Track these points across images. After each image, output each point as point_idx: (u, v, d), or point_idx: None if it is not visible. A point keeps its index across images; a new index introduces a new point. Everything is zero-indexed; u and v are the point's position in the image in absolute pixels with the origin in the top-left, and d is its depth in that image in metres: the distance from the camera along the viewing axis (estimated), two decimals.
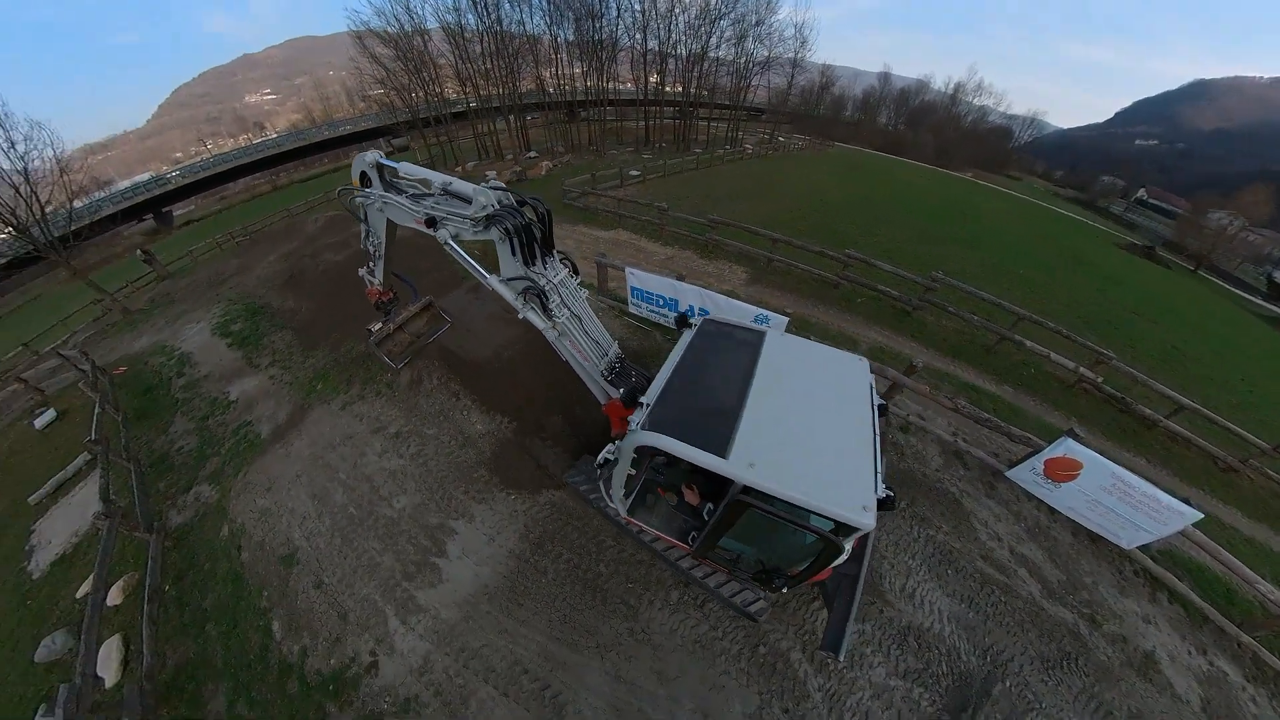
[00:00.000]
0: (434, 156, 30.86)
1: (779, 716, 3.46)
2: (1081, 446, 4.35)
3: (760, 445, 2.62)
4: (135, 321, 13.74)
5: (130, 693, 3.88)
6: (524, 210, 3.24)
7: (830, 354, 3.30)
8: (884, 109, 68.36)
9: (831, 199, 19.18)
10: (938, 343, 8.30)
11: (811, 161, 30.89)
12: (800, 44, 33.79)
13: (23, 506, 7.35)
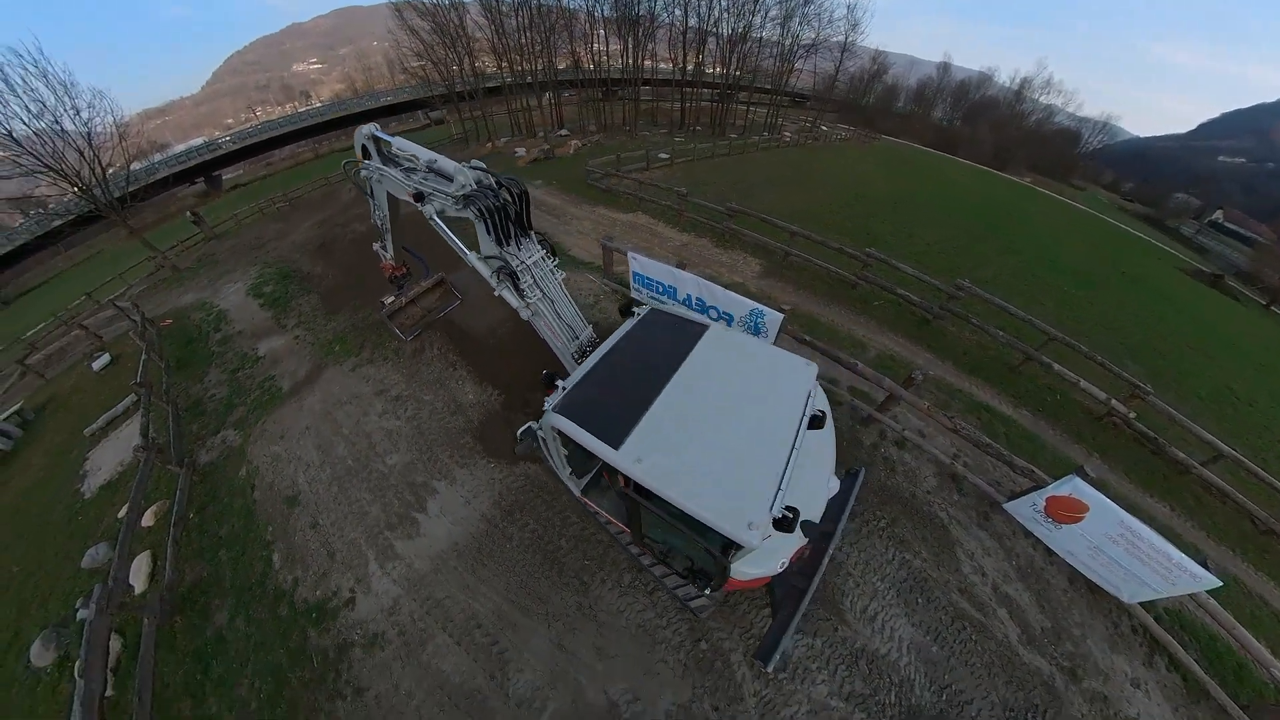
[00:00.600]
0: (467, 131, 31.48)
1: (708, 713, 3.54)
2: (1090, 488, 3.93)
3: (658, 442, 2.56)
4: (183, 278, 15.05)
5: (153, 599, 4.58)
6: (500, 192, 3.40)
7: (774, 356, 3.19)
8: (940, 102, 63.70)
9: (869, 194, 18.37)
10: (956, 356, 7.78)
11: (854, 154, 29.50)
12: (851, 27, 31.96)
13: (79, 437, 8.44)
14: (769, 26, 30.31)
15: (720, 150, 23.78)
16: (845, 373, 6.22)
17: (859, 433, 5.76)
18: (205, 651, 4.27)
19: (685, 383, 2.92)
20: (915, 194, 20.71)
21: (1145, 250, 31.02)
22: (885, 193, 19.44)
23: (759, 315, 5.71)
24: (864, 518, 4.80)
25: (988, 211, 21.46)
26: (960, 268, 11.29)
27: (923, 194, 21.34)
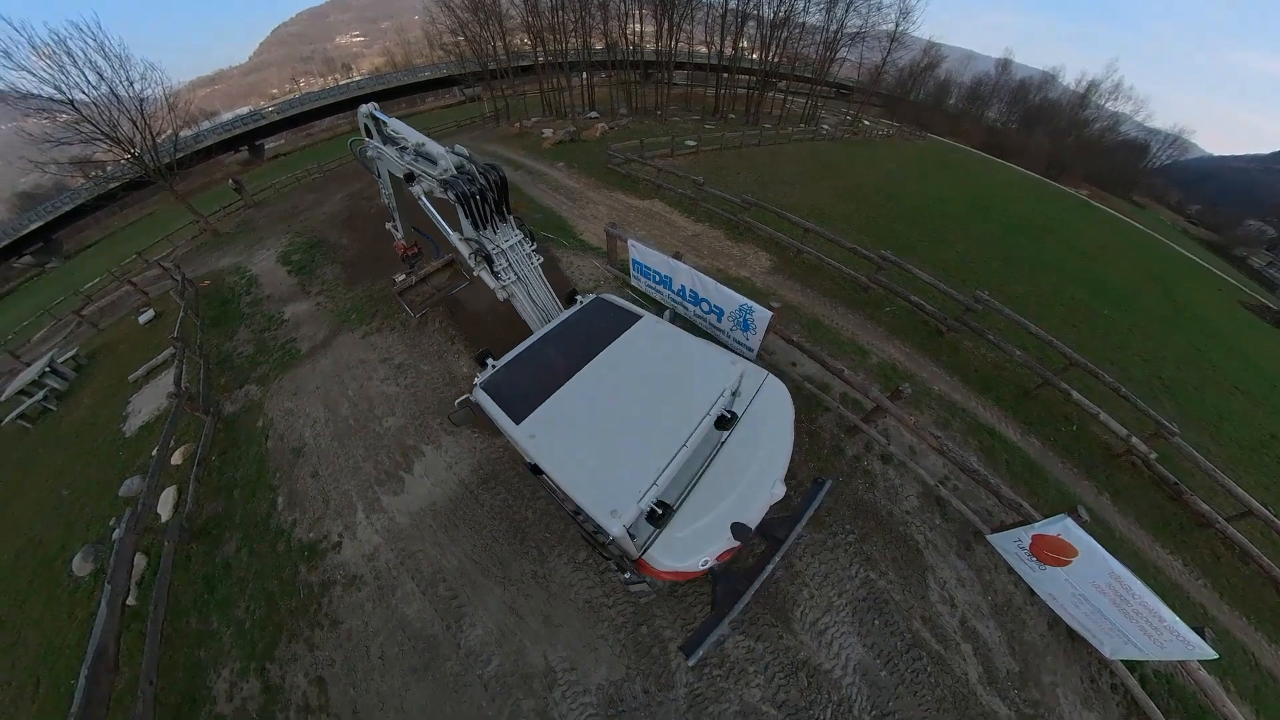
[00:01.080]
0: (499, 109, 31.82)
1: (638, 694, 3.69)
2: (1081, 531, 3.66)
3: (556, 421, 2.72)
4: (222, 243, 16.15)
5: (174, 526, 5.24)
6: (479, 178, 3.63)
7: (703, 351, 3.19)
8: (995, 102, 59.23)
9: (902, 196, 17.57)
10: (966, 373, 7.29)
11: (895, 152, 28.28)
12: (902, 15, 29.88)
13: (124, 383, 9.40)
14: (813, 11, 29.12)
15: (750, 140, 23.26)
16: (840, 380, 6.01)
17: (843, 442, 5.58)
18: (213, 575, 4.90)
19: (601, 368, 3.04)
20: (953, 199, 19.75)
21: (1204, 279, 28.70)
22: (921, 195, 18.56)
23: (748, 311, 5.69)
24: (831, 529, 4.71)
25: (1031, 223, 20.26)
26: (988, 280, 10.69)
27: (962, 199, 20.33)
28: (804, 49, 31.73)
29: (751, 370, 4.03)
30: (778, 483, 3.30)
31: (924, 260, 10.58)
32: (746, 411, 3.71)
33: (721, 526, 2.96)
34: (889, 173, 22.00)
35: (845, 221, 12.87)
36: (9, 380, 11.74)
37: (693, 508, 3.14)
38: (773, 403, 3.84)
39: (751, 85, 32.17)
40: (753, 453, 3.42)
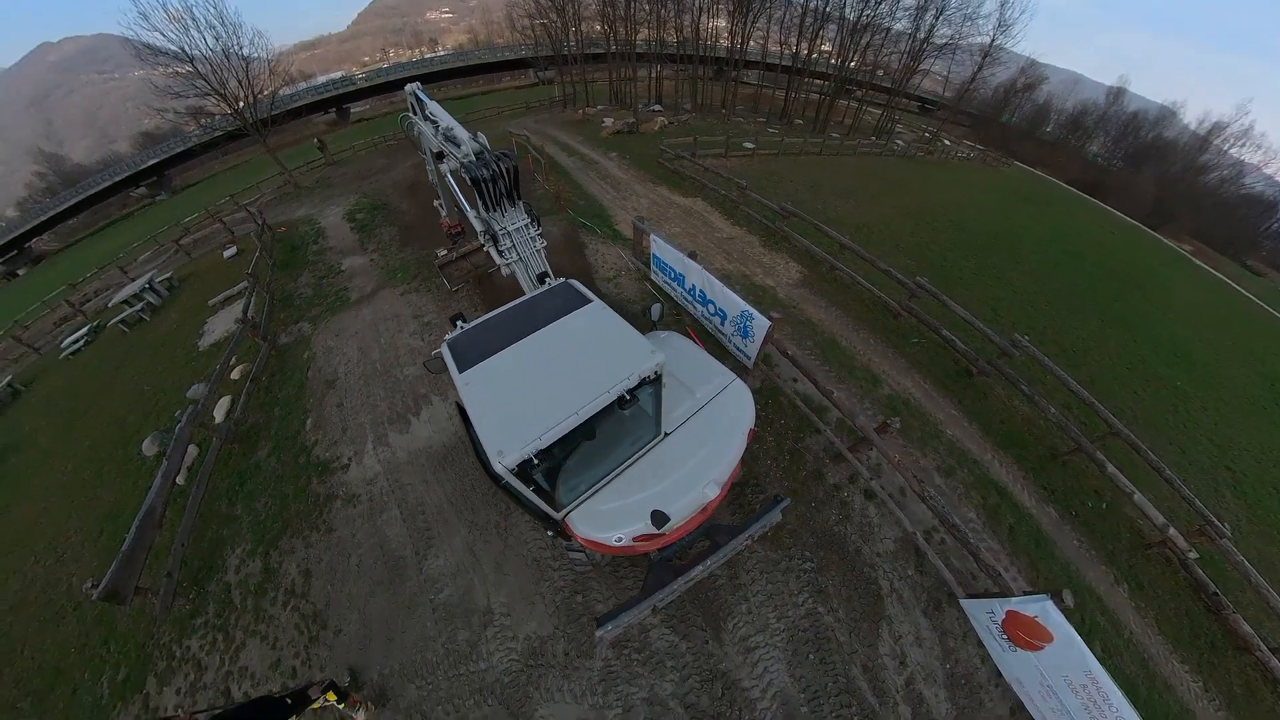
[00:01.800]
0: (567, 95, 32.82)
1: (559, 654, 3.97)
2: (1062, 618, 3.32)
3: (490, 375, 3.07)
4: (301, 194, 18.01)
5: (223, 428, 6.25)
6: (494, 165, 3.91)
7: (628, 338, 3.31)
8: (1100, 135, 52.69)
9: (968, 224, 16.30)
10: (990, 423, 6.61)
11: (973, 177, 26.31)
12: (999, 28, 27.57)
13: (204, 306, 10.92)
14: (900, 16, 27.67)
15: (812, 148, 22.48)
16: (831, 402, 5.89)
17: (826, 468, 5.38)
18: (245, 472, 5.86)
19: (541, 339, 3.34)
20: (1027, 234, 17.94)
21: None
22: (990, 226, 17.06)
23: (748, 318, 5.69)
24: (789, 551, 4.62)
25: (1113, 271, 17.90)
26: (1043, 327, 9.66)
27: (1036, 236, 18.35)
28: (885, 57, 30.34)
29: (718, 372, 4.21)
30: (711, 484, 3.38)
31: (971, 295, 9.96)
32: (700, 410, 3.87)
33: (643, 510, 3.16)
34: (960, 198, 20.49)
35: (893, 242, 12.30)
36: (116, 291, 13.87)
37: (620, 486, 3.39)
38: (730, 407, 3.95)
39: (824, 91, 31.26)
40: (695, 449, 3.60)
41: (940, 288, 8.01)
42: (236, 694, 4.16)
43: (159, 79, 16.79)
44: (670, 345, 4.71)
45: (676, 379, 4.12)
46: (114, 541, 5.13)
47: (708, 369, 4.32)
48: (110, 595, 3.77)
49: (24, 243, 44.43)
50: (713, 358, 4.49)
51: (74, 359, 12.16)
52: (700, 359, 4.51)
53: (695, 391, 4.04)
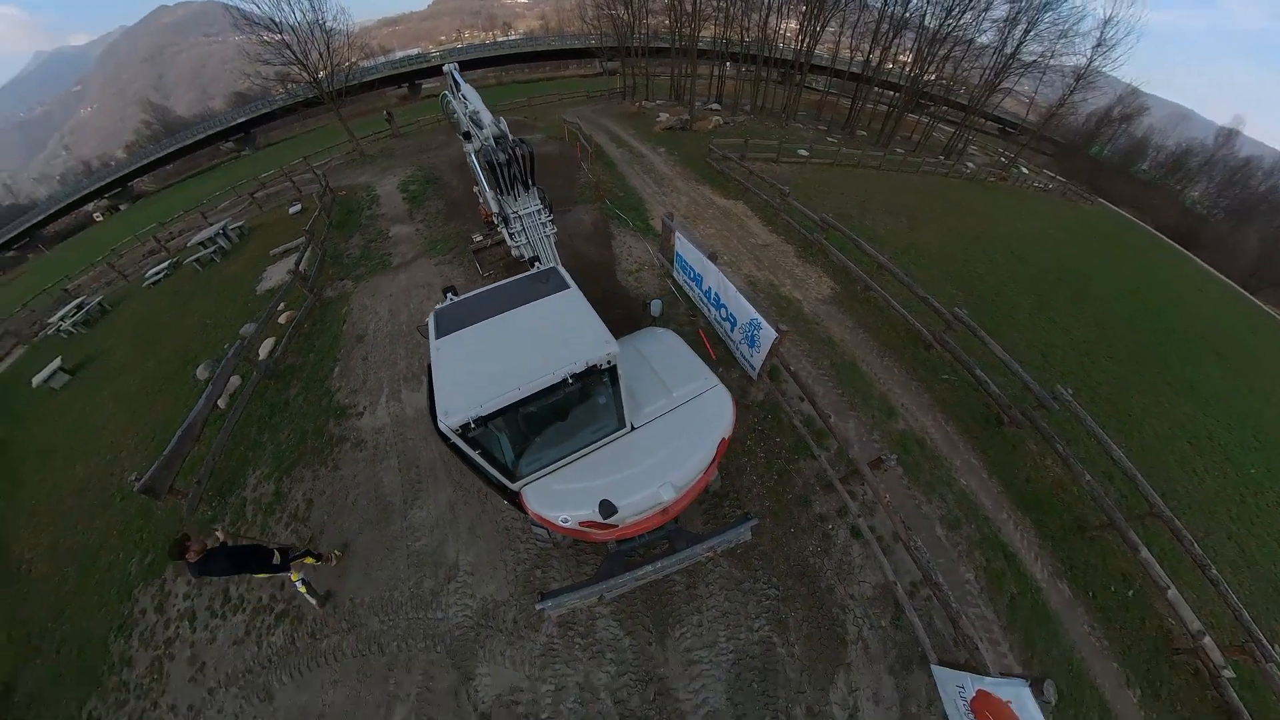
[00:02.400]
0: (628, 87, 33.15)
1: (508, 620, 4.21)
2: (1037, 711, 3.06)
3: (461, 344, 3.29)
4: (365, 162, 19.31)
5: (264, 364, 7.00)
6: (512, 150, 4.11)
7: (589, 326, 3.35)
8: (1203, 180, 47.13)
9: (1033, 259, 14.95)
10: (1013, 479, 5.89)
11: (1047, 209, 24.36)
12: (1099, 50, 24.86)
13: (266, 255, 12.03)
14: (985, 28, 25.58)
15: (870, 161, 21.52)
16: (852, 431, 5.75)
17: (815, 495, 5.12)
18: (275, 405, 6.59)
19: (515, 318, 3.48)
20: (1098, 278, 15.90)
21: None
22: (1056, 264, 15.53)
23: (756, 326, 5.56)
24: (754, 572, 4.47)
25: (1194, 335, 15.28)
26: (1095, 382, 8.61)
27: (1108, 282, 16.11)
28: (965, 71, 28.64)
29: (700, 375, 4.18)
30: (668, 485, 3.37)
31: (1020, 336, 9.07)
32: (674, 410, 3.87)
33: (593, 497, 3.28)
34: (1028, 229, 18.90)
35: (943, 268, 11.42)
36: (195, 233, 15.47)
37: (577, 469, 3.53)
38: (707, 412, 3.88)
39: (893, 103, 30.02)
40: (658, 448, 3.63)
41: (985, 324, 7.37)
42: (234, 595, 4.76)
43: (251, 46, 18.44)
44: (659, 342, 4.69)
45: (656, 375, 4.16)
46: (161, 447, 5.86)
47: (691, 370, 4.28)
48: (148, 490, 4.41)
49: (127, 182, 49.97)
50: (700, 360, 4.45)
51: (153, 288, 13.72)
52: (687, 359, 4.46)
53: (673, 391, 4.02)
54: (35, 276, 31.89)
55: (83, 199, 49.45)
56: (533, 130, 20.26)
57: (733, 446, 5.29)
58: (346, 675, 4.16)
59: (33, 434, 10.00)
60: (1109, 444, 5.47)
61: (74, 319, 13.53)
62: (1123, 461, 5.38)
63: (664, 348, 4.60)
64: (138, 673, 4.69)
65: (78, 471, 7.66)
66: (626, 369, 4.10)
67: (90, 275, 19.49)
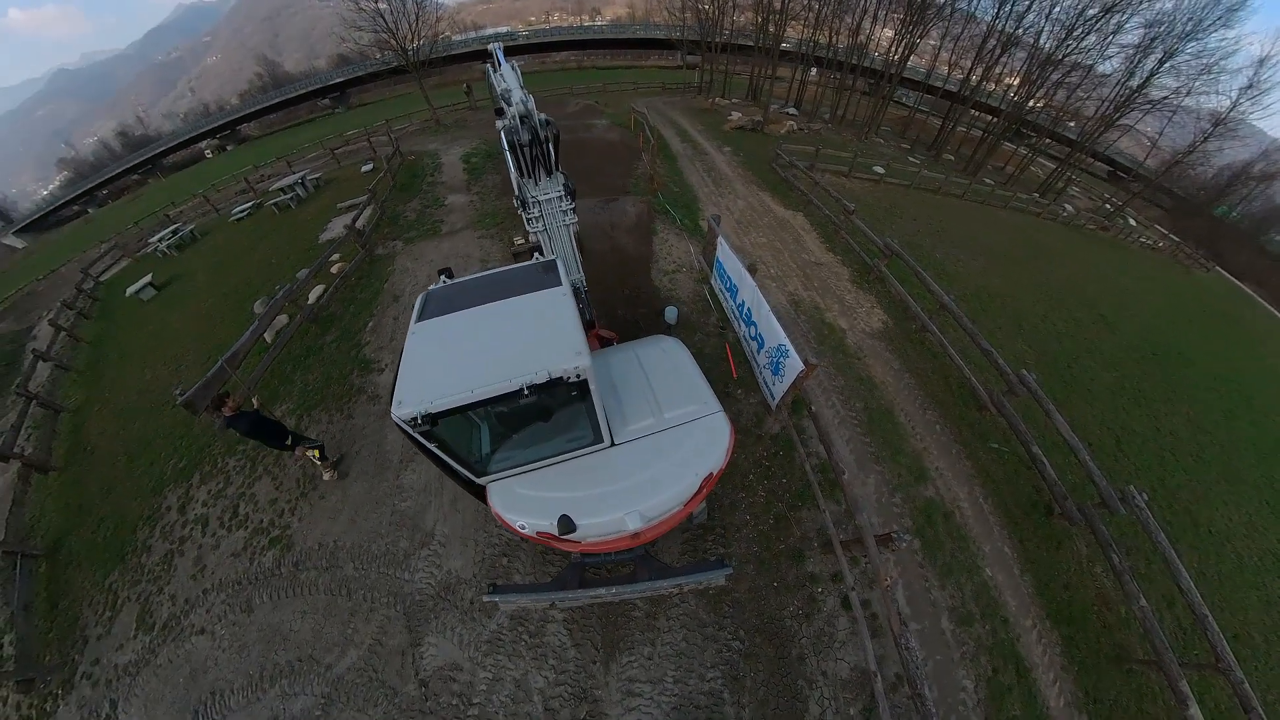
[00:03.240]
0: (705, 82, 32.87)
1: (465, 599, 4.36)
2: None
3: (438, 331, 3.24)
4: (438, 131, 20.39)
5: (308, 309, 7.66)
6: (536, 132, 3.72)
7: (567, 334, 3.15)
8: None
9: (1124, 327, 12.56)
10: (1050, 584, 5.07)
11: (1152, 271, 21.28)
12: (1248, 93, 21.52)
13: (333, 207, 13.03)
14: (1110, 54, 22.71)
15: (954, 189, 19.90)
16: (871, 489, 5.26)
17: (809, 553, 4.69)
18: (311, 349, 7.19)
19: (498, 310, 3.37)
20: (1202, 360, 13.35)
21: None
22: (1152, 336, 13.07)
23: (784, 353, 4.99)
24: (720, 618, 4.23)
25: None
26: (1175, 487, 7.18)
27: (1214, 366, 13.38)
28: (1079, 102, 26.01)
29: (701, 399, 3.88)
30: (635, 514, 3.21)
31: (1094, 415, 7.82)
32: (662, 432, 3.63)
33: (555, 509, 3.18)
34: (1126, 292, 16.27)
35: (1015, 320, 10.12)
36: (278, 179, 17.00)
37: (546, 476, 3.42)
38: (697, 441, 3.60)
39: (989, 128, 27.89)
40: (635, 472, 3.42)
41: (1055, 393, 6.46)
42: (241, 512, 5.29)
43: (349, 12, 19.92)
44: (663, 353, 4.42)
45: (651, 390, 3.92)
46: (211, 367, 6.59)
47: (691, 391, 3.97)
48: (187, 404, 4.97)
49: (236, 126, 55.74)
50: (703, 381, 4.10)
51: (236, 224, 15.26)
52: (689, 378, 4.13)
53: (664, 411, 3.75)
54: (149, 200, 36.28)
55: (198, 136, 55.71)
56: (599, 115, 20.52)
57: (733, 479, 5.14)
58: (315, 610, 4.54)
59: (119, 336, 11.49)
60: (1179, 568, 4.57)
61: (169, 242, 15.32)
62: (1192, 593, 4.48)
63: (667, 360, 4.33)
64: (153, 559, 5.36)
65: (145, 375, 8.76)
66: (620, 377, 4.07)
67: (189, 205, 21.94)
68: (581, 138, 16.87)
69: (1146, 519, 4.70)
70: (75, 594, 5.48)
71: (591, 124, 18.80)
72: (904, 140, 30.35)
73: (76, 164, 79.45)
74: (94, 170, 64.43)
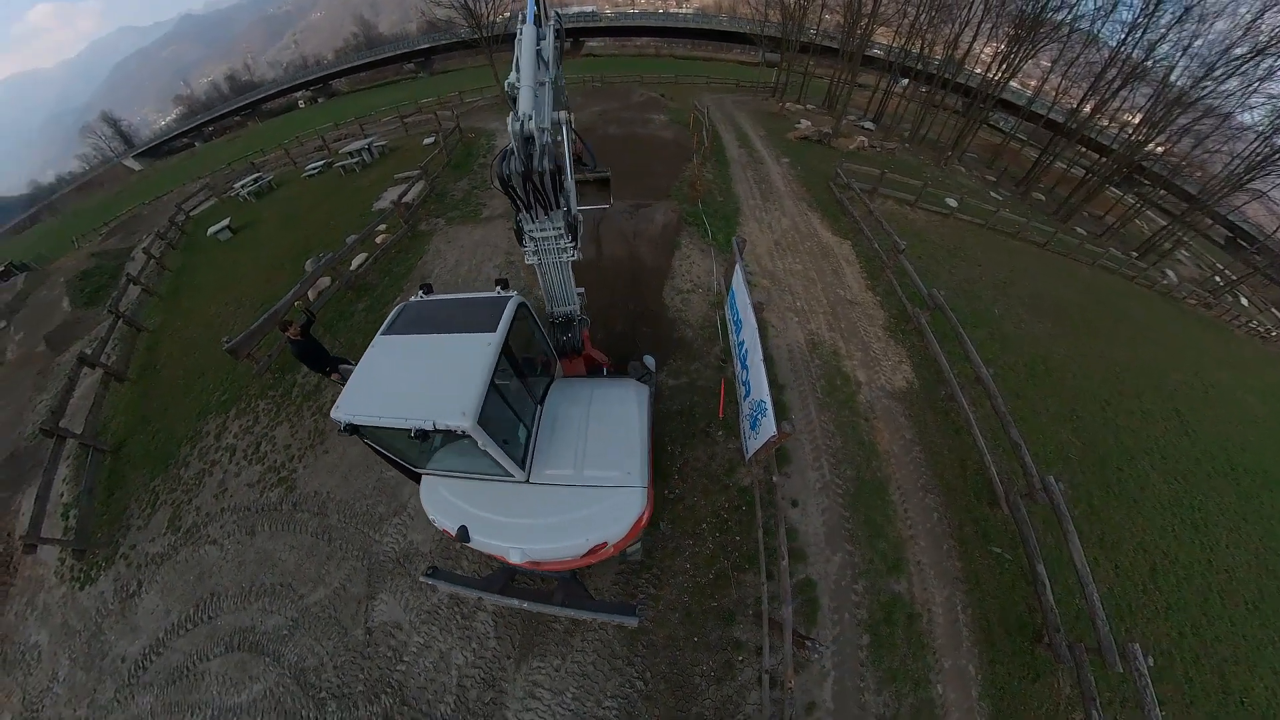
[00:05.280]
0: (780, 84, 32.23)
1: (415, 568, 4.89)
2: None
3: (391, 349, 3.56)
4: (498, 110, 21.49)
5: (348, 275, 8.72)
6: (534, 161, 3.06)
7: (468, 388, 3.22)
8: None
9: (1202, 433, 10.05)
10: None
11: (1256, 365, 16.90)
12: None
13: (390, 177, 14.30)
14: (1256, 103, 19.93)
15: (1036, 236, 17.77)
16: (832, 570, 5.00)
17: (740, 618, 4.57)
18: (344, 313, 8.25)
19: (435, 344, 3.60)
20: None
21: None
22: (1234, 452, 10.09)
23: (762, 410, 4.62)
24: (633, 657, 4.32)
25: None
26: (1209, 644, 5.85)
27: None
28: (1206, 154, 23.29)
29: (625, 467, 3.80)
30: (519, 550, 3.48)
31: (1128, 536, 6.63)
32: (570, 488, 3.73)
33: (461, 518, 3.57)
34: (1213, 386, 13.11)
35: (1068, 404, 8.58)
36: (350, 142, 18.71)
37: (469, 487, 3.74)
38: (599, 509, 3.63)
39: (1094, 168, 25.62)
40: (535, 514, 3.61)
41: (1090, 498, 5.86)
42: (263, 450, 6.30)
43: None
44: (618, 402, 4.35)
45: (583, 441, 3.95)
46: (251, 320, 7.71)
47: (622, 455, 3.87)
48: (232, 351, 6.03)
49: (328, 80, 60.50)
50: (642, 449, 3.96)
51: (307, 180, 17.05)
52: (628, 440, 3.99)
53: (585, 469, 3.77)
54: (246, 142, 40.48)
55: (294, 87, 61.15)
56: (661, 110, 20.79)
57: (686, 525, 5.21)
58: (300, 547, 5.43)
59: (196, 270, 13.36)
60: None
61: (250, 189, 17.35)
62: None
63: (618, 412, 4.25)
64: (188, 474, 6.54)
65: (210, 310, 10.26)
66: (564, 417, 4.15)
67: (274, 155, 24.47)
68: (636, 133, 17.18)
69: (1144, 689, 4.00)
70: (127, 489, 6.77)
71: (650, 119, 19.04)
72: (990, 170, 28.50)
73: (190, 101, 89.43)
74: (204, 108, 72.46)
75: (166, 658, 5.01)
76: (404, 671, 4.46)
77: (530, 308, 4.17)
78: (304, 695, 4.45)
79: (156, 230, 16.30)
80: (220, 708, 4.54)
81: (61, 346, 11.89)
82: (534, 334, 4.48)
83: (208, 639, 4.99)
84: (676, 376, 6.80)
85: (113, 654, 5.22)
